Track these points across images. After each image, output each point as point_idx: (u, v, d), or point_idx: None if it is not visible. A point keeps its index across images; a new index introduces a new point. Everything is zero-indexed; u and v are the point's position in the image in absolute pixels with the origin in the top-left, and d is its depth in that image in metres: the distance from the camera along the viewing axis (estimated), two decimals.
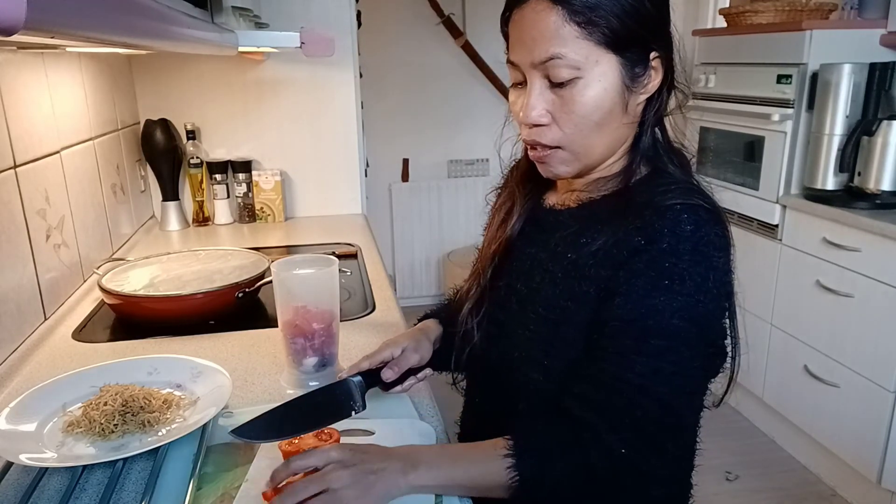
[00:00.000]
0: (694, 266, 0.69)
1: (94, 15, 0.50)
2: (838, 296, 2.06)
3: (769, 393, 2.42)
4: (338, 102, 2.02)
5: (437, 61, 3.49)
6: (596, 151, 0.77)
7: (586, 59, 0.71)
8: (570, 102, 0.73)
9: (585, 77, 0.72)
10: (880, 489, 1.96)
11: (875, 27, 2.20)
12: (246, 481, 0.75)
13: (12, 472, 0.79)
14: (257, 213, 2.02)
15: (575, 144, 0.76)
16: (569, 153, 0.77)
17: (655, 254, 0.70)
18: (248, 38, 1.27)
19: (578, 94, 0.72)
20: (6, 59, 1.14)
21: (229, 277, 1.28)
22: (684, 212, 0.71)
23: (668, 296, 0.69)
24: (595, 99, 0.73)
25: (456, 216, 3.67)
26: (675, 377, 0.70)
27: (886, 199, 2.02)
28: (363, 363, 0.88)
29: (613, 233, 0.73)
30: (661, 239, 0.70)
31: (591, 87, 0.72)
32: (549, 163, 0.78)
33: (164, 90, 1.94)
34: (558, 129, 0.75)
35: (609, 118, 0.74)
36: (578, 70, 0.71)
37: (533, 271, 0.82)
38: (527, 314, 0.80)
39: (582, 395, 0.72)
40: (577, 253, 0.76)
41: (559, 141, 0.76)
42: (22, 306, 1.13)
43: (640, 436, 0.69)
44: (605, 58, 0.72)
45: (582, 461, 0.69)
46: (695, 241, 0.70)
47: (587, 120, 0.74)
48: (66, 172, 1.35)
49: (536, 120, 0.75)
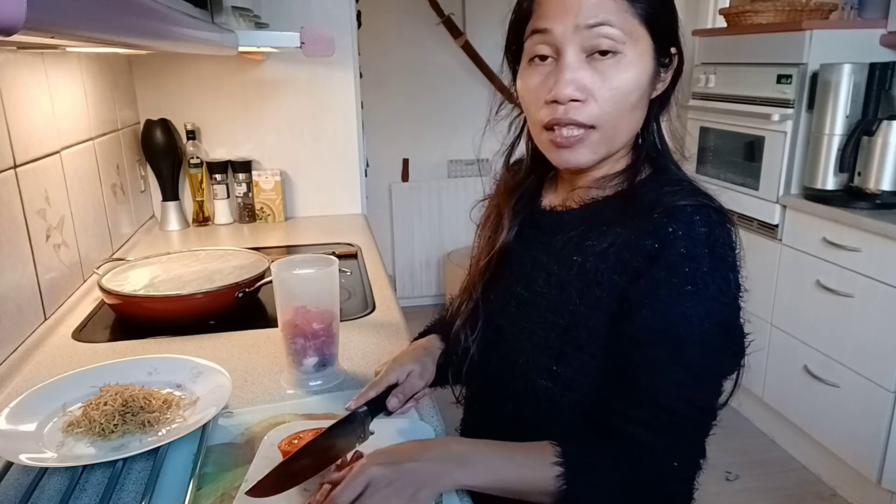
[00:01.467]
0: (714, 269, 0.69)
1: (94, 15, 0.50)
2: (838, 296, 2.06)
3: (769, 393, 2.42)
4: (338, 102, 2.02)
5: (437, 61, 3.49)
6: (622, 138, 0.75)
7: (630, 34, 0.70)
8: (613, 77, 0.70)
9: (627, 54, 0.70)
10: (880, 489, 1.96)
11: (875, 27, 2.20)
12: (245, 481, 0.75)
13: (12, 472, 0.79)
14: (257, 213, 2.02)
15: (609, 126, 0.72)
16: (601, 136, 0.73)
17: (674, 259, 0.68)
18: (248, 38, 1.27)
19: (623, 70, 0.70)
20: (6, 59, 1.14)
21: (229, 277, 1.28)
22: (696, 214, 0.70)
23: (693, 301, 0.68)
24: (635, 78, 0.71)
25: (456, 216, 3.67)
26: (712, 381, 0.70)
27: (886, 199, 2.02)
28: (370, 392, 0.86)
29: (621, 234, 0.72)
30: (676, 242, 0.69)
31: (634, 65, 0.71)
32: (576, 147, 0.73)
33: (164, 90, 1.94)
34: (596, 105, 0.71)
35: (640, 103, 0.73)
36: (623, 44, 0.70)
37: (534, 274, 0.80)
38: (531, 319, 0.79)
39: (624, 412, 0.71)
40: (583, 256, 0.75)
41: (596, 119, 0.72)
42: (22, 306, 1.13)
43: (690, 447, 0.70)
44: (644, 39, 0.71)
45: (634, 477, 0.69)
46: (710, 243, 0.69)
47: (627, 99, 0.71)
48: (66, 172, 1.35)
49: (573, 94, 0.70)
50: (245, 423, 0.88)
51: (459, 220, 3.67)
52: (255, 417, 0.89)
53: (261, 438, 0.83)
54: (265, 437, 0.83)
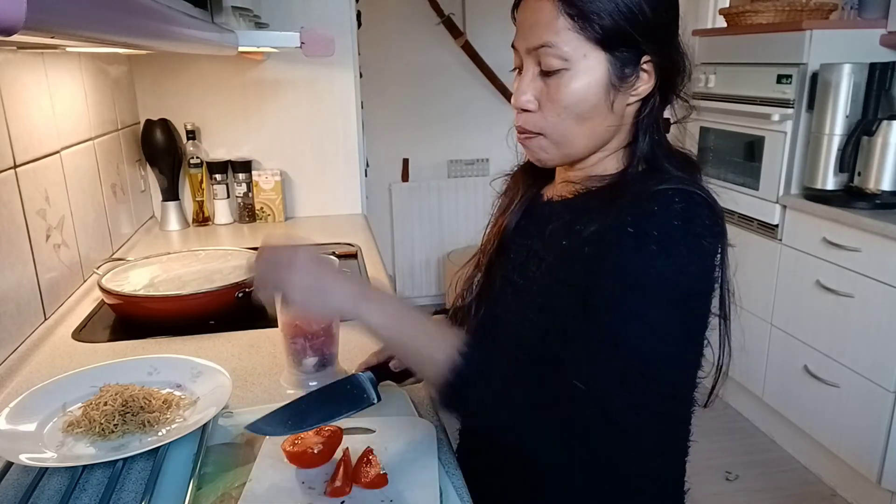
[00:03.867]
0: (685, 239, 0.68)
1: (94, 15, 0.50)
2: (838, 296, 2.06)
3: (769, 393, 2.42)
4: (338, 102, 2.02)
5: (437, 61, 3.49)
6: (577, 143, 0.79)
7: (575, 51, 0.73)
8: (556, 92, 0.75)
9: (572, 69, 0.74)
10: (880, 489, 1.96)
11: (875, 27, 2.20)
12: (250, 480, 0.75)
13: (12, 472, 0.79)
14: (257, 213, 2.02)
15: (556, 133, 0.78)
16: (549, 141, 0.79)
17: (642, 223, 0.69)
18: (248, 38, 1.27)
19: (564, 85, 0.75)
20: (6, 59, 1.14)
21: (229, 277, 1.28)
22: (676, 195, 0.70)
23: (650, 257, 0.67)
24: (579, 91, 0.75)
25: (456, 216, 3.67)
26: (652, 334, 0.67)
27: (886, 199, 2.02)
28: (371, 359, 0.91)
29: (605, 218, 0.73)
30: (651, 216, 0.69)
31: (577, 79, 0.74)
32: (531, 147, 0.82)
33: (164, 90, 1.94)
34: (542, 116, 0.78)
35: (592, 113, 0.76)
36: (567, 61, 0.74)
37: (528, 262, 0.83)
38: (525, 306, 0.81)
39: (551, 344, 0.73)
40: (569, 240, 0.78)
41: (541, 128, 0.78)
42: (22, 306, 1.13)
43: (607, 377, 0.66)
44: (594, 53, 0.74)
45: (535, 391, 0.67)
46: (685, 217, 0.69)
47: (569, 111, 0.76)
48: (66, 172, 1.35)
49: (524, 105, 0.78)
50: (245, 423, 0.87)
51: (459, 220, 3.67)
52: (255, 417, 0.89)
53: (261, 439, 0.83)
54: (267, 436, 0.83)
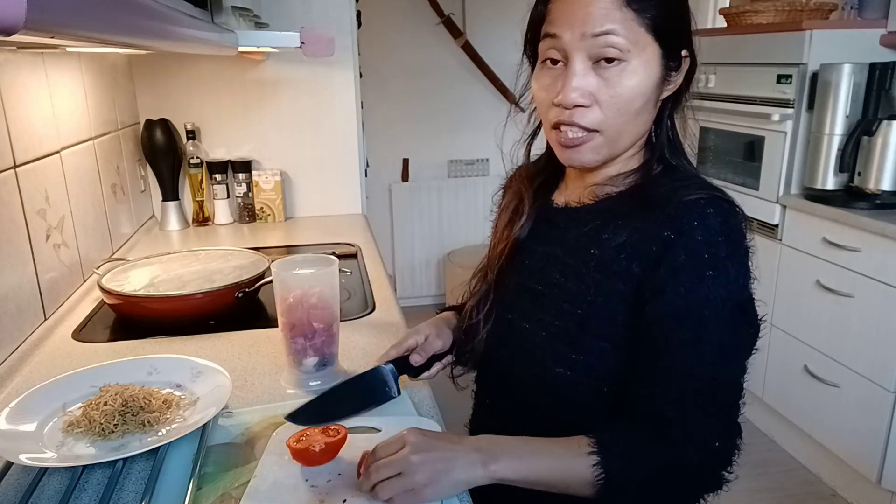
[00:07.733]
0: (731, 255, 0.71)
1: (94, 15, 0.50)
2: (838, 296, 2.06)
3: (769, 393, 2.42)
4: (338, 102, 2.02)
5: (437, 61, 3.49)
6: (626, 141, 0.78)
7: (636, 42, 0.72)
8: (616, 85, 0.72)
9: (632, 62, 0.72)
10: (880, 489, 1.96)
11: (875, 27, 2.20)
12: (254, 477, 0.75)
13: (12, 472, 0.79)
14: (257, 213, 2.02)
15: (612, 130, 0.75)
16: (604, 139, 0.76)
17: (693, 246, 0.71)
18: (248, 38, 1.27)
19: (626, 78, 0.72)
20: (6, 59, 1.14)
21: (229, 277, 1.28)
22: (709, 205, 0.72)
23: (714, 284, 0.70)
24: (639, 85, 0.73)
25: (456, 216, 3.67)
26: (736, 360, 0.73)
27: (886, 199, 2.02)
28: (391, 352, 0.91)
29: (637, 227, 0.74)
30: (693, 231, 0.71)
31: (637, 72, 0.73)
32: (581, 148, 0.77)
33: (164, 90, 1.94)
34: (600, 111, 0.74)
35: (645, 108, 0.75)
36: (628, 52, 0.71)
37: (549, 269, 0.82)
38: (545, 310, 0.81)
39: (652, 394, 0.72)
40: (600, 248, 0.77)
41: (599, 124, 0.74)
42: (22, 306, 1.13)
43: (727, 425, 0.72)
44: (651, 46, 0.73)
45: (674, 460, 0.70)
46: (725, 231, 0.72)
47: (630, 106, 0.74)
48: (66, 172, 1.35)
49: (578, 101, 0.73)
50: (245, 423, 0.88)
51: (459, 220, 3.68)
52: (255, 417, 0.89)
53: (261, 438, 0.83)
54: (274, 433, 0.83)
